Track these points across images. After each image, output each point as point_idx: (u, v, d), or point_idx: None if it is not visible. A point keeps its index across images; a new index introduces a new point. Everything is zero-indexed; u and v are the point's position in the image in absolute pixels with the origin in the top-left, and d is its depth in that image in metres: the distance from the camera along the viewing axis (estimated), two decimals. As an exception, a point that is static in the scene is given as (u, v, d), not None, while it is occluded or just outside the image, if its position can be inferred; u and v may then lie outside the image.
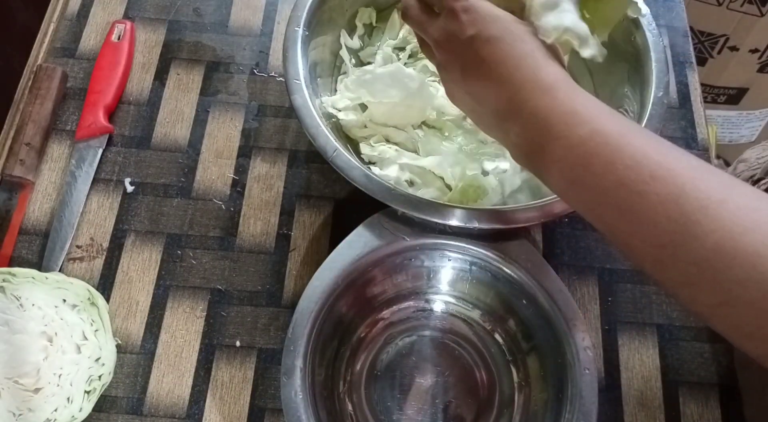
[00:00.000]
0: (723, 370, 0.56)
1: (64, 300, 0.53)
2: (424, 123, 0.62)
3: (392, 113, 0.60)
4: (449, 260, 0.55)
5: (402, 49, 0.66)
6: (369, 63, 0.64)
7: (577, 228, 0.61)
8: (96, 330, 0.53)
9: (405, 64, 0.65)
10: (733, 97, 1.19)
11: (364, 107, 0.61)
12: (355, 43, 0.65)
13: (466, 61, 0.43)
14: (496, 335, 0.56)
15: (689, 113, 0.67)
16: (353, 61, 0.64)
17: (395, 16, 0.67)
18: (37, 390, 0.50)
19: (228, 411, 0.54)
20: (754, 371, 0.52)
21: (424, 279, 0.57)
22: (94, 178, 0.61)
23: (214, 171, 0.63)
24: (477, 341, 0.56)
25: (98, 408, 0.53)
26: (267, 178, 0.63)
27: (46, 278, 0.54)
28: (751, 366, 0.53)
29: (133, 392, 0.54)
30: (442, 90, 0.62)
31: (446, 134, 0.62)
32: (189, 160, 0.63)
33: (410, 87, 0.58)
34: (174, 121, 0.65)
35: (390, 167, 0.59)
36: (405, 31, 0.65)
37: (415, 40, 0.66)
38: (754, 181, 0.60)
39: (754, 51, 1.09)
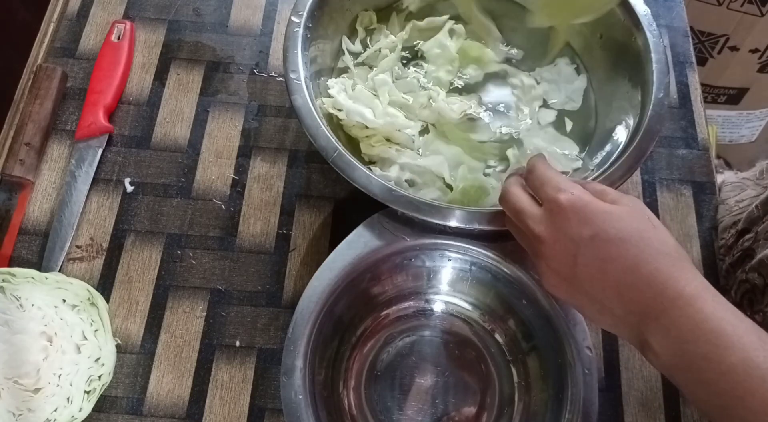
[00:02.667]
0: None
1: (64, 301, 0.53)
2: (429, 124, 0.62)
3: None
4: (449, 260, 0.55)
5: (404, 49, 0.66)
6: (372, 66, 0.64)
7: (577, 229, 0.61)
8: (96, 331, 0.53)
9: (404, 64, 0.65)
10: (733, 97, 1.19)
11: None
12: (357, 47, 0.65)
13: (585, 260, 0.41)
14: (496, 335, 0.56)
15: (689, 113, 0.67)
16: (355, 64, 0.64)
17: (395, 18, 0.67)
18: (36, 391, 0.50)
19: (228, 411, 0.54)
20: None
21: (424, 280, 0.57)
22: (93, 178, 0.61)
23: (214, 171, 0.63)
24: (477, 341, 0.56)
25: (98, 408, 0.53)
26: (267, 178, 0.63)
27: (46, 278, 0.54)
28: None
29: (132, 392, 0.54)
30: (442, 93, 0.62)
31: (448, 137, 0.62)
32: (189, 160, 0.63)
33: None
34: (174, 121, 0.65)
35: (390, 167, 0.59)
36: (405, 33, 0.65)
37: (416, 43, 0.66)
38: (739, 231, 0.59)
39: (754, 51, 1.09)
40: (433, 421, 0.53)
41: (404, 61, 0.65)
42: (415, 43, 0.66)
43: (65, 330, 0.52)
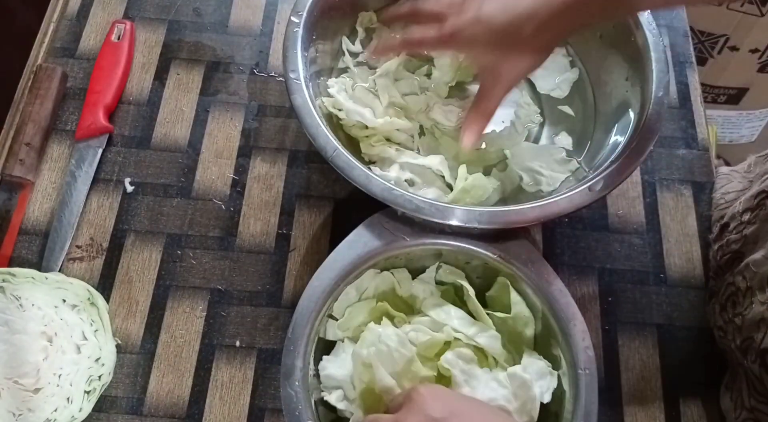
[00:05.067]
0: (723, 371, 0.56)
1: (64, 301, 0.53)
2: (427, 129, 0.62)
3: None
4: (449, 260, 0.55)
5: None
6: (372, 66, 0.64)
7: (577, 228, 0.61)
8: (96, 331, 0.53)
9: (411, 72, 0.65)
10: (733, 97, 1.19)
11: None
12: (357, 47, 0.65)
13: None
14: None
15: (689, 113, 0.67)
16: (355, 64, 0.64)
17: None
18: (36, 391, 0.50)
19: (228, 411, 0.54)
20: None
21: (424, 279, 0.56)
22: (93, 178, 0.61)
23: (213, 171, 0.63)
24: (477, 341, 0.56)
25: (98, 408, 0.53)
26: (267, 178, 0.63)
27: (46, 278, 0.54)
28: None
29: (133, 392, 0.54)
30: (439, 101, 0.62)
31: (441, 146, 0.62)
32: (189, 159, 0.63)
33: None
34: (174, 120, 0.65)
35: (390, 166, 0.59)
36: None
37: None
38: (721, 226, 0.59)
39: (754, 51, 1.09)
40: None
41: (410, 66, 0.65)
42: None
43: (65, 330, 0.52)
